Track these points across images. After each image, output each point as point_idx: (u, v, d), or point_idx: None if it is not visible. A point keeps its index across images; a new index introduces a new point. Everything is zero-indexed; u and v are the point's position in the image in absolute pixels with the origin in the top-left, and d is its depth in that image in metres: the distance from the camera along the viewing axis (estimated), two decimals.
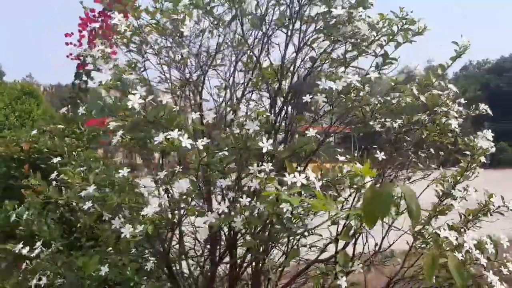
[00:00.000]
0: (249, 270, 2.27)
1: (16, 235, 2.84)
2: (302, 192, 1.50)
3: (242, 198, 1.65)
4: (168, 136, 1.46)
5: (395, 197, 1.31)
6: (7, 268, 3.05)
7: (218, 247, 2.16)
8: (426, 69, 2.21)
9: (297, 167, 1.77)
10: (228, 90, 2.14)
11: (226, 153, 1.68)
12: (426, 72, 2.12)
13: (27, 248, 2.01)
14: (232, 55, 2.02)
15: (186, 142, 1.46)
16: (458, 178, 1.89)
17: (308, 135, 1.68)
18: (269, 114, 1.59)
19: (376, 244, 2.19)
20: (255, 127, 1.52)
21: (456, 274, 1.23)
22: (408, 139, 2.12)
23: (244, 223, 1.67)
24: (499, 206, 2.05)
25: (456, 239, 1.74)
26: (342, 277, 1.85)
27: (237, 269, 2.21)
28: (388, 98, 1.82)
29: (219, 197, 1.85)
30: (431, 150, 2.26)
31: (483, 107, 2.15)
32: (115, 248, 2.10)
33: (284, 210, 1.62)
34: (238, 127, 1.68)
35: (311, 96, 1.66)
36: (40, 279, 2.03)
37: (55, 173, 2.09)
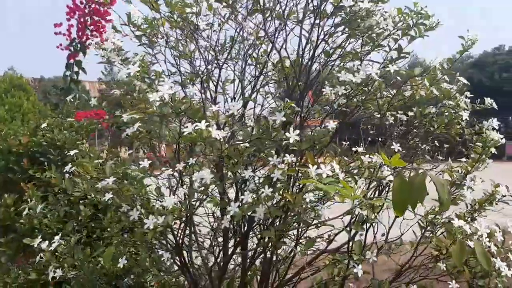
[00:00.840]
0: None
1: (16, 228, 2.84)
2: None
3: (265, 189, 1.68)
4: (197, 127, 1.48)
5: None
6: (6, 262, 3.04)
7: (230, 238, 2.19)
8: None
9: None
10: (240, 83, 2.16)
11: (247, 144, 1.71)
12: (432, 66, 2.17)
13: (46, 242, 2.01)
14: (246, 48, 2.04)
15: (215, 133, 1.48)
16: (469, 169, 1.94)
17: (328, 127, 1.71)
18: (295, 106, 1.62)
19: (383, 234, 2.25)
20: (281, 118, 1.55)
21: (483, 259, 1.28)
22: (417, 131, 2.17)
23: (266, 213, 1.71)
24: (504, 195, 2.11)
25: (470, 228, 1.79)
26: (358, 265, 1.90)
27: (249, 260, 2.25)
28: (403, 92, 1.87)
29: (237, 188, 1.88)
30: (437, 142, 2.32)
31: (489, 101, 2.20)
32: (125, 239, 2.13)
33: (307, 200, 1.66)
34: (257, 121, 1.71)
35: (331, 88, 1.70)
36: (54, 272, 2.04)
37: (69, 165, 2.09)
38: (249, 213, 1.75)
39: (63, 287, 2.63)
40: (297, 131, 1.55)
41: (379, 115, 1.91)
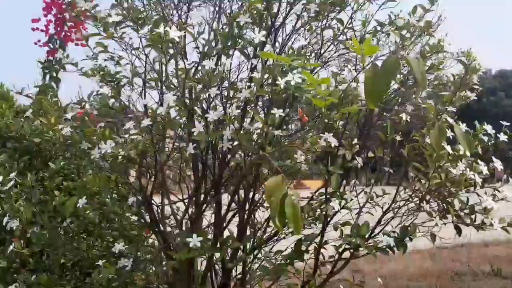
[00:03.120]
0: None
1: None
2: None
3: (231, 109, 1.58)
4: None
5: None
6: None
7: (203, 187, 2.06)
8: None
9: None
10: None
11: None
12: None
13: None
14: None
15: (173, 34, 1.38)
16: None
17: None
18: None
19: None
20: (246, 19, 1.46)
21: (463, 141, 1.17)
22: None
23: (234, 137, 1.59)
24: None
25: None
26: (334, 200, 1.78)
27: (223, 216, 2.12)
28: None
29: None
30: None
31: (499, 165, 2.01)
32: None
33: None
34: None
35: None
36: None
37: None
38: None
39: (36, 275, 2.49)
40: (264, 32, 1.45)
41: None
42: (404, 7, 1.85)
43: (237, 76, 1.82)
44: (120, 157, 1.68)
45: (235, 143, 1.67)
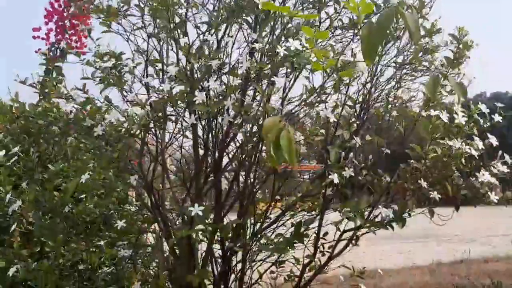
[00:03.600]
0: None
1: None
2: None
3: (232, 80, 1.62)
4: None
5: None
6: None
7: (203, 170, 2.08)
8: None
9: None
10: None
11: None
12: None
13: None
14: None
15: None
16: None
17: None
18: None
19: None
20: None
21: (456, 88, 1.21)
22: None
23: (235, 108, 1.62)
24: None
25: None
26: (334, 173, 1.81)
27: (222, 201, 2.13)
28: None
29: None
30: None
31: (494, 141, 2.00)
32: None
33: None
34: None
35: None
36: None
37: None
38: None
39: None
40: None
41: None
42: None
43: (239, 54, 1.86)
44: (123, 130, 1.71)
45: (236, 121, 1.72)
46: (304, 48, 1.45)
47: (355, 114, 2.03)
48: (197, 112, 1.68)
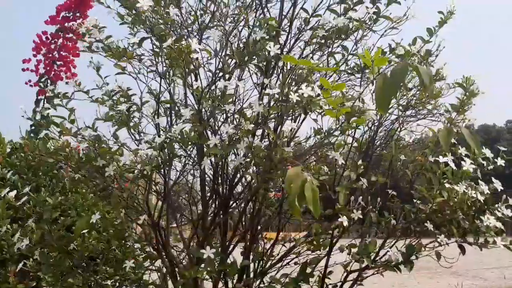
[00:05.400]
0: None
1: None
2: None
3: (246, 123, 1.65)
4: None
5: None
6: None
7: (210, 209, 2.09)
8: None
9: None
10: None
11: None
12: None
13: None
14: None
15: (194, 46, 1.47)
16: None
17: None
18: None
19: None
20: (262, 34, 1.56)
21: (471, 141, 1.25)
22: None
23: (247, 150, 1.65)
24: None
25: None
26: (342, 216, 1.83)
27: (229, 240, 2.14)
28: None
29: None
30: None
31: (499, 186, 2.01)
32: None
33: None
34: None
35: None
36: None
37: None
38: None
39: None
40: (278, 45, 1.55)
41: None
42: (405, 36, 1.98)
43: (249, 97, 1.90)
44: (136, 171, 1.72)
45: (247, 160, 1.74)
46: (317, 95, 1.50)
47: (362, 155, 2.07)
48: (209, 154, 1.70)
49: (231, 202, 2.09)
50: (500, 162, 2.03)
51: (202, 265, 1.76)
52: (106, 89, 2.04)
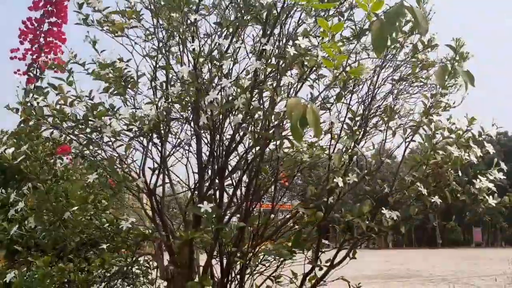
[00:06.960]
0: None
1: None
2: None
3: (244, 80, 1.67)
4: None
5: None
6: None
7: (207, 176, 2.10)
8: None
9: None
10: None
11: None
12: None
13: None
14: None
15: None
16: None
17: None
18: None
19: None
20: None
21: (464, 75, 1.28)
22: None
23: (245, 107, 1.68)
24: None
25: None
26: (338, 177, 1.85)
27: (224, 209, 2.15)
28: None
29: None
30: None
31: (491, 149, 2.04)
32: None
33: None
34: None
35: None
36: None
37: None
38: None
39: None
40: None
41: None
42: None
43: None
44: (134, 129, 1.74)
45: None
46: (314, 45, 1.53)
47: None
48: (207, 111, 1.72)
49: (227, 171, 2.10)
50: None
51: None
52: (102, 58, 2.05)
